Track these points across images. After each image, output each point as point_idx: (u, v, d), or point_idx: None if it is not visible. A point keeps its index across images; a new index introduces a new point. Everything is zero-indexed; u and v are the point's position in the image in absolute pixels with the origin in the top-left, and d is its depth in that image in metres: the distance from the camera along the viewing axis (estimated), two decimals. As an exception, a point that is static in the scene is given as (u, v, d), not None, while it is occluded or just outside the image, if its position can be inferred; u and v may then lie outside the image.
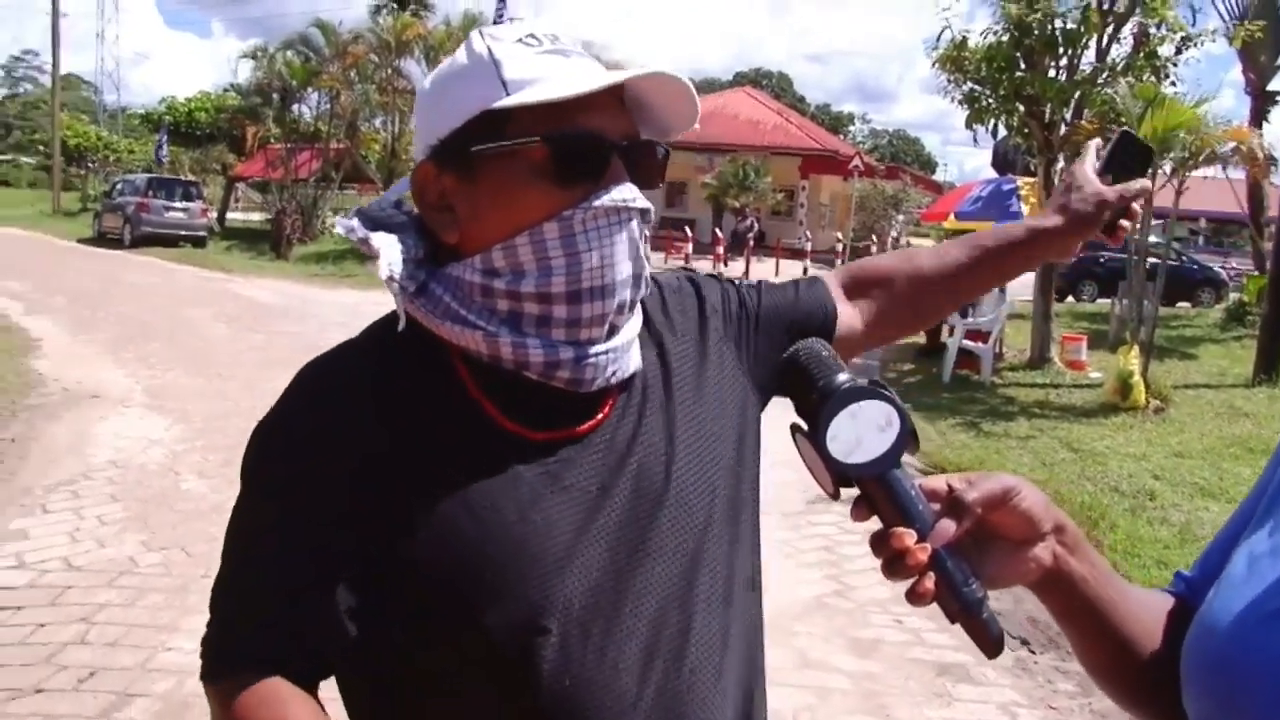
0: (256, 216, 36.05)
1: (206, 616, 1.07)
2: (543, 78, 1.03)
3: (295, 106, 30.97)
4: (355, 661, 1.06)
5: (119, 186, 31.18)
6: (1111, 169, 1.41)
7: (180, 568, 5.23)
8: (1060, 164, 12.53)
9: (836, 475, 0.89)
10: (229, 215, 37.32)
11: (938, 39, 12.39)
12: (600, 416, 1.11)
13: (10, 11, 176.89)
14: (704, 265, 25.67)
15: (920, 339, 14.77)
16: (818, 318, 1.33)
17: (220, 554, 1.07)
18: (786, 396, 0.96)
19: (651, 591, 1.07)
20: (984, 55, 12.05)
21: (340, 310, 16.53)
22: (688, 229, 27.28)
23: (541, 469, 1.06)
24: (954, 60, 12.29)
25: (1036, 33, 11.71)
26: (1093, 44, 11.98)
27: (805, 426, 0.91)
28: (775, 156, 34.93)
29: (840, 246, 32.38)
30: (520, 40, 1.07)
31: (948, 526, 0.87)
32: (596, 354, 1.07)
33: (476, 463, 1.04)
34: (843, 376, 0.91)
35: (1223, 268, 29.08)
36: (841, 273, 1.45)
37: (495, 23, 23.88)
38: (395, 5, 31.58)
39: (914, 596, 0.87)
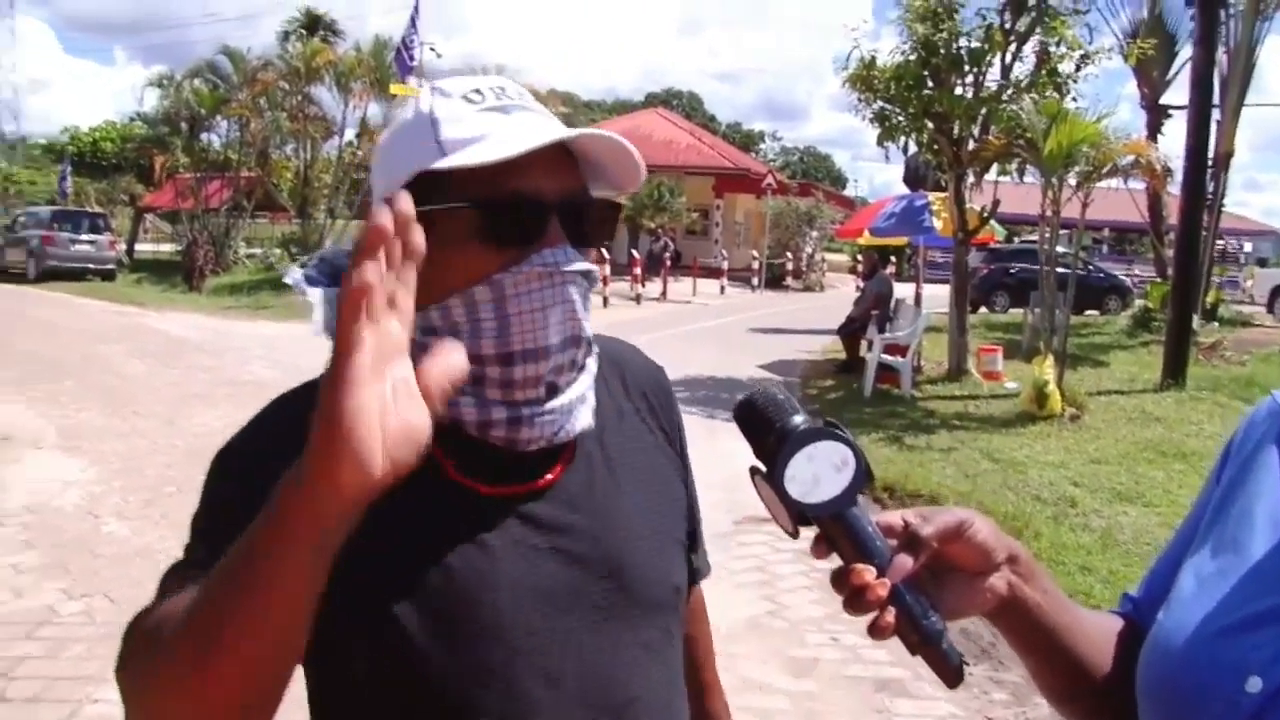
0: (167, 248, 35.27)
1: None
2: (480, 136, 1.03)
3: (204, 135, 30.59)
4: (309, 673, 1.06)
5: (21, 219, 30.31)
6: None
7: (104, 615, 5.08)
8: (970, 179, 12.84)
9: (795, 515, 0.91)
10: (138, 247, 36.53)
11: (847, 59, 12.62)
12: (551, 477, 1.11)
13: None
14: (621, 287, 25.79)
15: (840, 353, 14.99)
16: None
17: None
18: (745, 439, 0.98)
19: (612, 663, 1.08)
20: (893, 74, 12.29)
21: (258, 342, 16.27)
22: (604, 251, 27.22)
23: (491, 524, 1.06)
24: (864, 79, 12.51)
25: (943, 52, 11.98)
26: (997, 62, 12.28)
27: (764, 468, 0.93)
28: (689, 176, 35.27)
29: (756, 264, 32.77)
30: (465, 96, 1.07)
31: (905, 561, 0.89)
32: (532, 414, 1.06)
33: (424, 512, 1.04)
34: (799, 419, 0.93)
35: (1127, 275, 30.04)
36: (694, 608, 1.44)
37: (404, 46, 23.74)
38: (304, 31, 31.27)
39: (875, 630, 0.89)
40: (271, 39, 34.36)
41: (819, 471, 0.91)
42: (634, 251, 29.43)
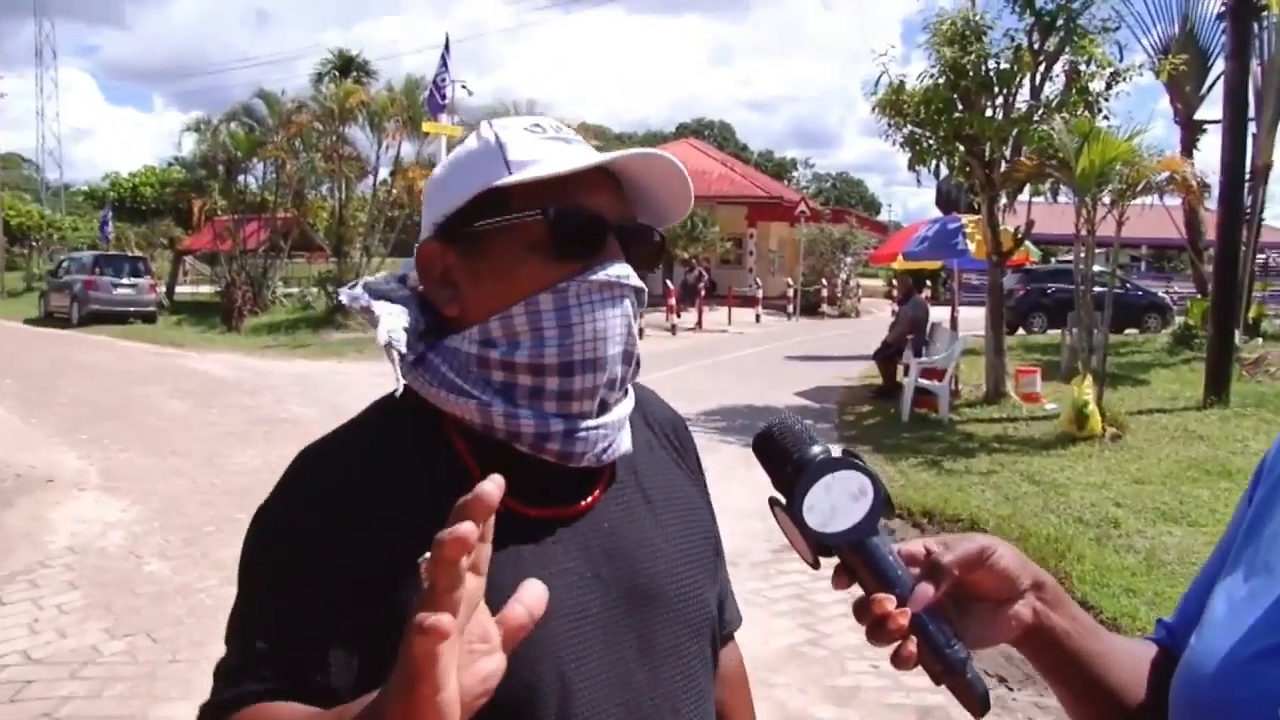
0: (206, 289, 35.79)
1: (176, 703, 1.06)
2: (544, 158, 1.08)
3: (241, 177, 30.94)
4: None
5: (65, 265, 30.86)
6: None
7: (146, 654, 5.11)
8: (1003, 200, 12.77)
9: (815, 545, 0.91)
10: (178, 289, 37.06)
11: (876, 84, 12.62)
12: (591, 500, 1.12)
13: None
14: (657, 318, 25.82)
15: (876, 379, 14.90)
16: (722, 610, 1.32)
17: (224, 641, 1.08)
18: (764, 470, 0.97)
19: (653, 691, 1.09)
20: (922, 98, 12.28)
21: (295, 381, 16.39)
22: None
23: (536, 546, 1.06)
24: (893, 104, 12.52)
25: (972, 74, 11.97)
26: (1026, 83, 12.25)
27: (783, 500, 0.93)
28: (722, 206, 35.28)
29: (791, 291, 32.71)
30: (526, 129, 1.13)
31: (926, 590, 0.89)
32: (587, 428, 1.08)
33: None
34: (816, 449, 0.93)
35: (1166, 292, 29.70)
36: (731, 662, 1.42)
37: (436, 85, 24.03)
38: (337, 73, 31.72)
39: (898, 660, 0.88)
40: (306, 82, 34.95)
41: (837, 501, 0.91)
42: (668, 282, 29.48)
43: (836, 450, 0.94)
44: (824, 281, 34.59)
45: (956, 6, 12.62)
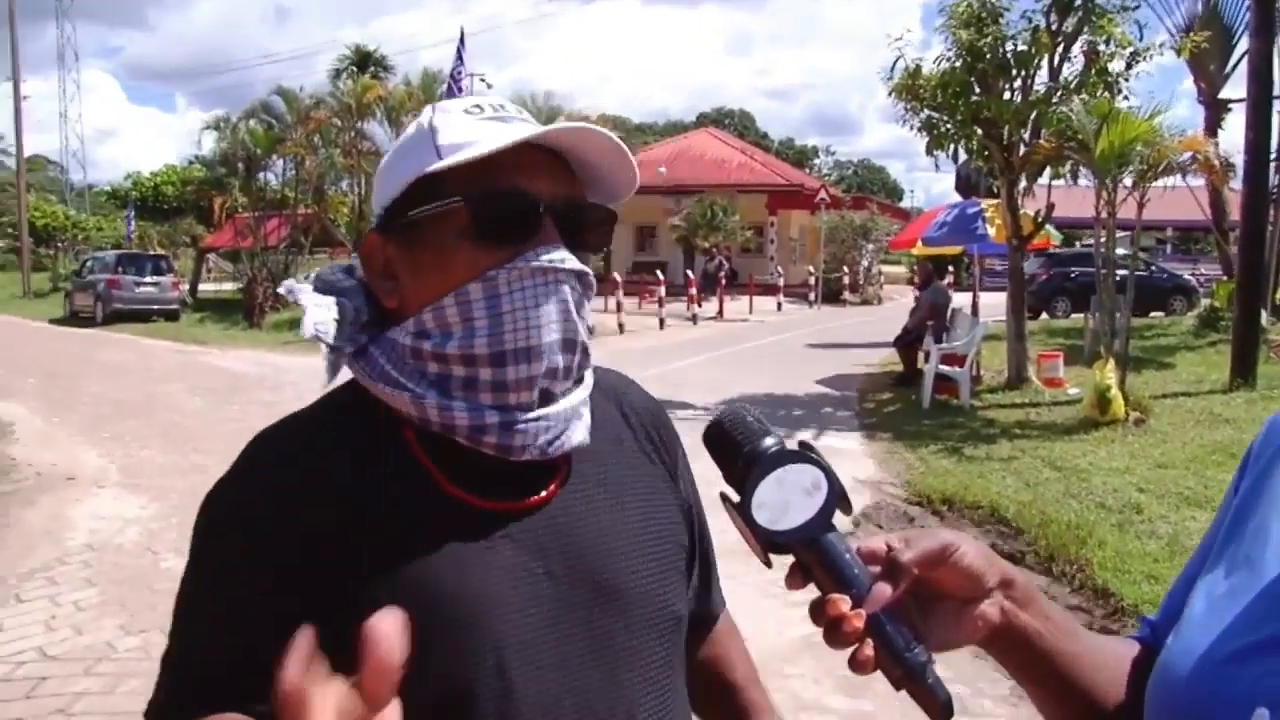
0: (228, 286, 35.94)
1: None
2: (478, 140, 1.03)
3: (261, 175, 31.06)
4: None
5: (89, 264, 31.07)
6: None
7: (160, 650, 5.03)
8: (1022, 184, 12.63)
9: (766, 543, 0.86)
10: (201, 287, 37.23)
11: (891, 69, 12.50)
12: (546, 494, 1.08)
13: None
14: (678, 307, 25.78)
15: (897, 365, 14.81)
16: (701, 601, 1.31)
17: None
18: (716, 464, 0.93)
19: (609, 693, 1.05)
20: (939, 82, 12.15)
21: (316, 376, 16.16)
22: (659, 272, 27.31)
23: (483, 541, 1.03)
24: (909, 89, 12.39)
25: (989, 56, 11.83)
26: (1044, 64, 12.11)
27: (734, 496, 0.88)
28: (742, 194, 35.21)
29: (813, 280, 32.60)
30: (465, 110, 1.09)
31: (884, 590, 0.83)
32: (526, 420, 1.04)
33: (417, 527, 1.02)
34: (769, 441, 0.89)
35: (1192, 275, 29.38)
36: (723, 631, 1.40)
37: (453, 78, 24.08)
38: (355, 69, 31.77)
39: (855, 665, 0.83)
40: (324, 78, 35.07)
41: (789, 496, 0.86)
42: (689, 272, 29.43)
43: (793, 444, 0.90)
44: (845, 269, 34.45)
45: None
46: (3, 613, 5.74)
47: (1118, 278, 11.96)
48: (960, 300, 15.37)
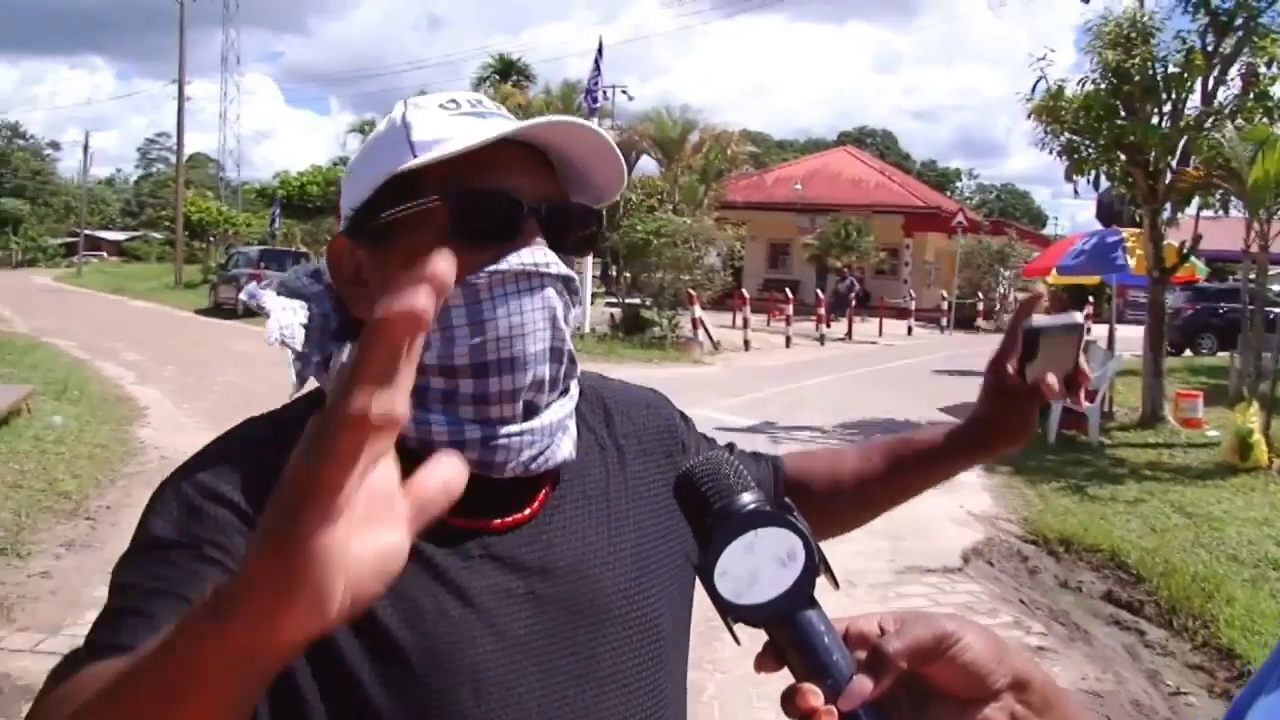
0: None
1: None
2: (454, 136, 0.97)
3: (400, 177, 31.90)
4: None
5: (234, 259, 32.33)
6: (1040, 363, 1.21)
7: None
8: (1166, 213, 12.05)
9: (732, 619, 0.72)
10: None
11: (1033, 90, 12.08)
12: (529, 511, 1.01)
13: (147, 100, 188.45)
14: (806, 326, 25.50)
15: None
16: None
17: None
18: (686, 521, 0.79)
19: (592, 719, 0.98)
20: (1081, 104, 11.71)
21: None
22: (788, 290, 27.08)
23: (463, 561, 0.96)
24: (1050, 111, 11.96)
25: (1136, 78, 11.35)
26: (1198, 87, 11.54)
27: (695, 559, 0.74)
28: (877, 215, 34.77)
29: (945, 304, 31.90)
30: (440, 105, 1.03)
31: (864, 686, 0.67)
32: (509, 435, 0.97)
33: None
34: (744, 498, 0.74)
35: (1354, 315, 27.71)
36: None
37: (589, 88, 24.26)
38: (497, 76, 32.45)
39: None
40: (468, 85, 35.82)
41: (759, 565, 0.72)
42: (820, 291, 29.09)
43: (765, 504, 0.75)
44: (980, 295, 33.58)
45: (1125, 9, 11.99)
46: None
47: (1268, 315, 11.30)
48: (1097, 332, 14.77)
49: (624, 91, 30.16)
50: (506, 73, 33.46)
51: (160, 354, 18.59)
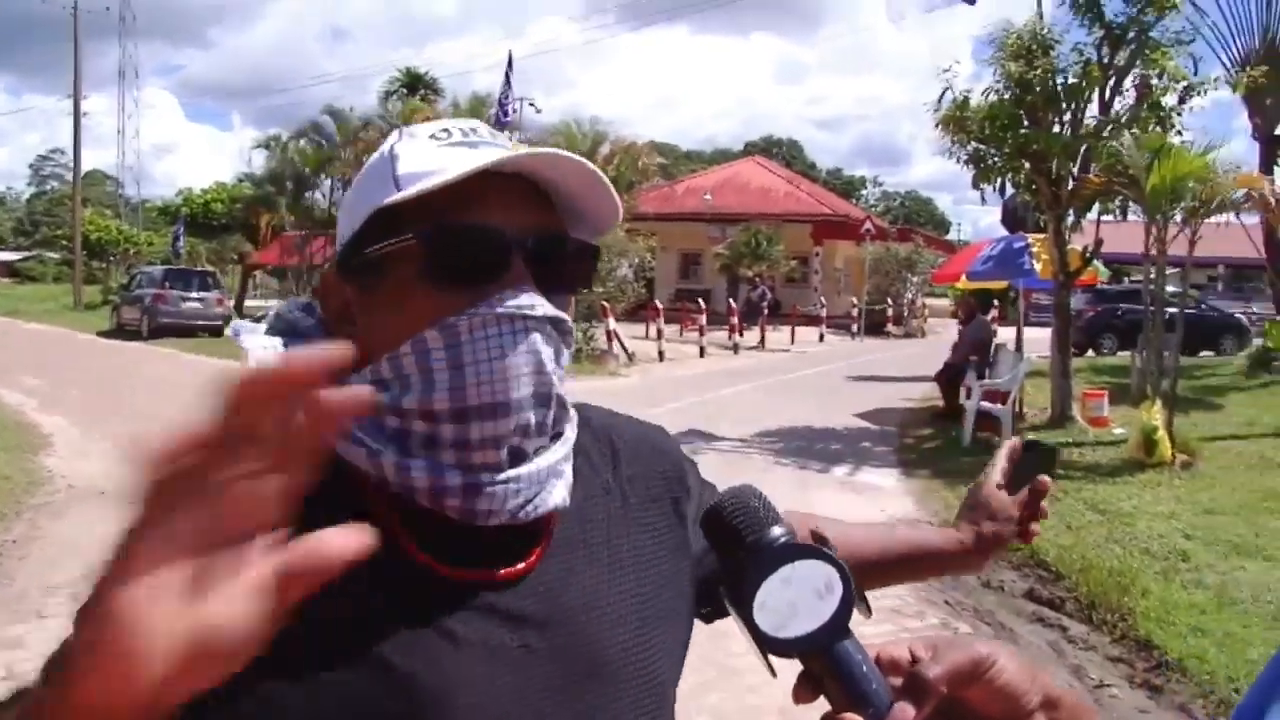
0: (274, 303, 36.26)
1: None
2: (442, 169, 0.91)
3: (309, 193, 31.38)
4: None
5: (137, 279, 31.44)
6: (1019, 481, 1.45)
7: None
8: (1070, 218, 12.42)
9: (769, 652, 0.74)
10: (247, 303, 37.63)
11: (939, 100, 12.36)
12: (523, 565, 0.97)
13: (40, 115, 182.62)
14: (719, 336, 25.67)
15: (938, 400, 14.58)
16: None
17: None
18: (715, 554, 0.81)
19: None
20: (986, 114, 12.01)
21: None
22: (701, 300, 27.25)
23: (453, 615, 0.92)
24: (957, 121, 12.25)
25: (1038, 89, 11.68)
26: (1095, 97, 11.93)
27: (732, 594, 0.76)
28: (787, 224, 35.17)
29: (856, 311, 32.40)
30: (431, 135, 0.99)
31: (905, 712, 0.70)
32: (494, 482, 0.92)
33: (377, 594, 0.89)
34: (776, 531, 0.76)
35: (1244, 313, 28.76)
36: None
37: (500, 102, 24.18)
38: (405, 90, 32.13)
39: None
40: (377, 99, 35.43)
41: (797, 597, 0.73)
42: (732, 300, 29.31)
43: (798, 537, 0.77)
44: (889, 301, 34.19)
45: (1025, 23, 12.33)
46: (25, 628, 5.70)
47: (1167, 315, 11.70)
48: (1005, 335, 15.12)
49: (532, 105, 30.02)
50: (414, 86, 33.13)
51: (63, 378, 17.98)
